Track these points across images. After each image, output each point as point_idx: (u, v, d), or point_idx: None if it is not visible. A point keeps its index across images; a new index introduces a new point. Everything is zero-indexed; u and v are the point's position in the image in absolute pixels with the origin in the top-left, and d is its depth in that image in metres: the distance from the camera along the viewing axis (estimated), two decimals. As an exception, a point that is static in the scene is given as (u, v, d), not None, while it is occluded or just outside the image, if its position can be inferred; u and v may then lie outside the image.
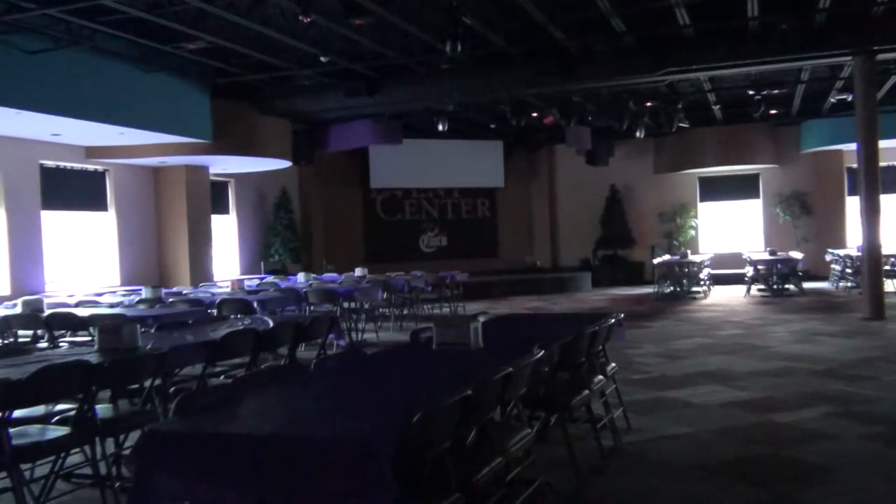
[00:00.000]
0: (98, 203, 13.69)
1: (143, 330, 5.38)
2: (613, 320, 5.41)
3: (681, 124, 16.33)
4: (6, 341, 7.45)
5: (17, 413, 3.85)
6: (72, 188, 13.16)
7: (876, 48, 11.24)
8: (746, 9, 10.32)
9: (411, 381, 3.60)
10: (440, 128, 15.59)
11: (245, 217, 17.18)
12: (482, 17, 10.22)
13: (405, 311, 12.82)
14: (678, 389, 6.92)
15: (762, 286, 16.15)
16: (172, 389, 4.96)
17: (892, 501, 4.12)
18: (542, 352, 3.88)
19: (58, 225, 12.84)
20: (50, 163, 12.55)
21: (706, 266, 16.51)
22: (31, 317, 7.42)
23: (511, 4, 9.75)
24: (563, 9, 10.36)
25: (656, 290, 16.18)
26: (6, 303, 9.14)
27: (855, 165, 12.53)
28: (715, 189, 20.62)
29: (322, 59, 10.98)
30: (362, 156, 19.48)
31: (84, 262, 13.46)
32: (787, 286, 15.90)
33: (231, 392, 3.27)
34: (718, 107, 17.00)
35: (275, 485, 2.49)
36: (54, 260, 12.62)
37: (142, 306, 8.74)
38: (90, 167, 13.44)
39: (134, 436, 4.35)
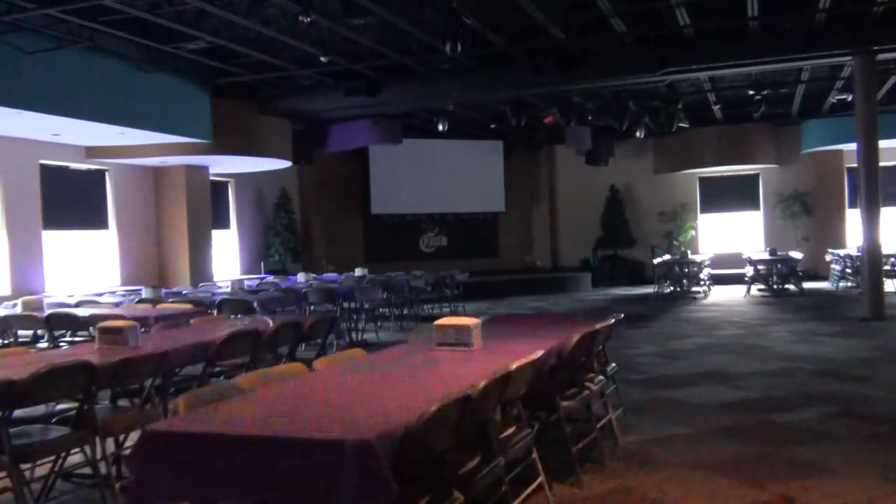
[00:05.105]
0: (99, 216, 13.65)
1: (143, 330, 5.38)
2: (613, 320, 5.40)
3: (681, 124, 16.31)
4: (6, 341, 7.46)
5: (17, 413, 3.85)
6: (72, 193, 13.13)
7: (876, 48, 11.24)
8: (746, 9, 10.32)
9: (411, 381, 3.59)
10: (440, 127, 15.61)
11: (245, 217, 17.18)
12: (482, 17, 10.21)
13: (405, 311, 12.82)
14: (678, 389, 6.92)
15: (762, 286, 16.15)
16: (172, 389, 4.96)
17: (893, 502, 4.12)
18: (542, 352, 3.89)
19: (58, 229, 12.84)
20: (50, 162, 12.54)
21: (706, 266, 16.51)
22: (31, 317, 7.42)
23: (511, 4, 9.75)
24: (563, 9, 10.36)
25: (656, 290, 16.18)
26: (6, 303, 9.14)
27: (855, 165, 12.53)
28: (715, 190, 20.61)
29: (322, 59, 10.98)
30: (362, 157, 19.44)
31: (84, 263, 13.43)
32: (787, 286, 15.91)
33: (231, 392, 3.27)
34: (718, 107, 17.00)
35: (275, 485, 2.49)
36: (54, 261, 12.59)
37: (142, 306, 8.75)
38: (90, 167, 13.44)
39: (134, 436, 4.34)
